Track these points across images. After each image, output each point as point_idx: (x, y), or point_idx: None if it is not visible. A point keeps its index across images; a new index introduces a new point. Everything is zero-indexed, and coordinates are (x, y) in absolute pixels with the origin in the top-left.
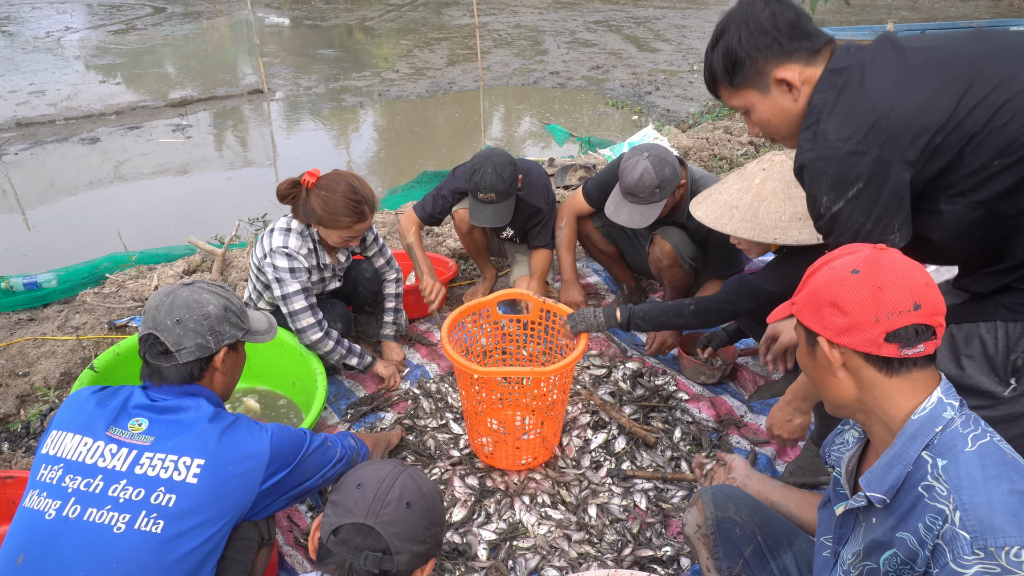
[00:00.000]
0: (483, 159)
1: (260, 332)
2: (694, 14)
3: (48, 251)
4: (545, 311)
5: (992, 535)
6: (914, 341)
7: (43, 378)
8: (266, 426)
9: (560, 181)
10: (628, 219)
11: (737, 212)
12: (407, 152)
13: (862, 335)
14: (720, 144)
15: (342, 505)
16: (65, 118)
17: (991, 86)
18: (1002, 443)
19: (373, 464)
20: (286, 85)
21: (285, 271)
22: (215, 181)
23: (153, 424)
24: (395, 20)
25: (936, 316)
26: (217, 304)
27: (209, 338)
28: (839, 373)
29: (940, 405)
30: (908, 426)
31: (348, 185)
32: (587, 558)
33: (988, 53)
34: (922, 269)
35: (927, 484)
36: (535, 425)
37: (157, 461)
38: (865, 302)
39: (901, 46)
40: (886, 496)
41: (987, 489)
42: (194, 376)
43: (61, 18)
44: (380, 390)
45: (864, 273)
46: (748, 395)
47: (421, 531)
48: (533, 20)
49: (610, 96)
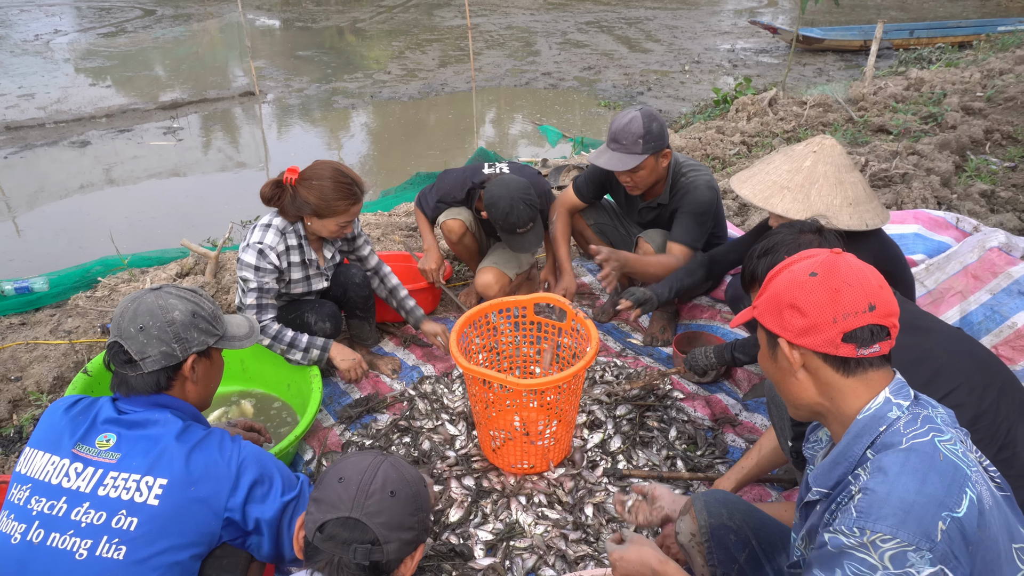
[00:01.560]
0: (508, 200)
1: (237, 337)
2: (685, 15)
3: (38, 255)
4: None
5: (873, 520)
6: (870, 341)
7: (36, 382)
8: (241, 445)
9: (554, 181)
10: (607, 162)
11: (788, 193)
12: (400, 154)
13: (820, 335)
14: (712, 144)
15: (325, 501)
16: (55, 121)
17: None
18: (946, 444)
19: (353, 456)
20: (277, 87)
21: (249, 267)
22: (207, 184)
23: (121, 440)
24: (386, 22)
25: (890, 317)
26: (184, 310)
27: (175, 345)
28: (799, 374)
29: (887, 404)
30: (854, 425)
31: (335, 170)
32: (584, 558)
33: (960, 356)
34: (876, 272)
35: (857, 475)
36: (551, 428)
37: (120, 481)
38: (823, 303)
39: (908, 326)
40: (830, 491)
41: (895, 482)
42: (162, 386)
43: (50, 21)
44: (374, 393)
45: (822, 276)
46: (743, 394)
47: (408, 518)
48: (525, 21)
49: (602, 97)
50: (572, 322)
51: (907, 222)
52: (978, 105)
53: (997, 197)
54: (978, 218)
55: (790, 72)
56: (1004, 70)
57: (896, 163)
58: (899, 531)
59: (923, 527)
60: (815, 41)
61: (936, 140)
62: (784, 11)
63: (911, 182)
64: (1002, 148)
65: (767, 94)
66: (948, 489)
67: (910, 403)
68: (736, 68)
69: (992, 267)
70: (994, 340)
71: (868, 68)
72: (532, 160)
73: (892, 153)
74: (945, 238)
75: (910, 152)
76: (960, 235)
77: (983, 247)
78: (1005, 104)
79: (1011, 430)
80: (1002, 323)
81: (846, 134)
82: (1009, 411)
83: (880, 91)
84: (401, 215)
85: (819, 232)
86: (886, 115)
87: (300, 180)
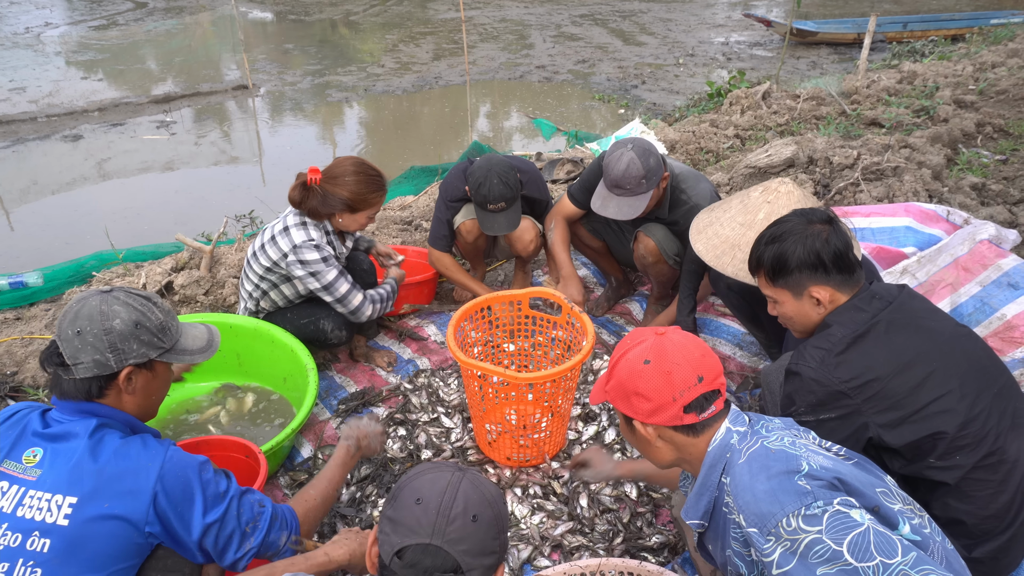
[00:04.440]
0: (484, 171)
1: (190, 351)
2: (679, 7)
3: (31, 249)
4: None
5: (765, 520)
6: (705, 406)
7: (31, 377)
8: (164, 452)
9: (548, 175)
10: (616, 212)
11: (739, 252)
12: (394, 147)
13: (666, 413)
14: (707, 137)
15: (403, 524)
16: (47, 115)
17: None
18: (773, 442)
19: (429, 473)
20: (271, 81)
21: (319, 262)
22: (200, 178)
23: (45, 455)
24: (380, 14)
25: (716, 379)
26: (126, 319)
27: (109, 355)
28: (657, 443)
29: (728, 434)
30: (707, 457)
31: (359, 163)
32: (579, 548)
33: (957, 359)
34: (698, 343)
35: (726, 503)
36: (546, 421)
37: (36, 500)
38: (661, 387)
39: (910, 325)
40: (703, 521)
41: (752, 487)
42: (93, 394)
43: (40, 13)
44: (370, 386)
45: (654, 362)
46: (736, 386)
47: (490, 542)
48: (519, 14)
49: (596, 90)
50: (567, 316)
51: (898, 215)
52: (970, 98)
53: (988, 190)
54: (969, 211)
55: (784, 65)
56: (996, 63)
57: (888, 156)
58: (785, 508)
59: (794, 492)
60: (809, 34)
61: (928, 133)
62: (778, 4)
63: (902, 175)
64: (993, 141)
65: (761, 87)
66: (787, 464)
67: (747, 427)
68: (730, 61)
69: (982, 259)
70: (984, 332)
71: (861, 61)
72: (526, 155)
73: (884, 147)
74: (936, 231)
75: (902, 145)
76: (951, 228)
77: (973, 240)
78: (997, 97)
79: (1000, 437)
80: (991, 315)
81: (839, 128)
82: (1001, 418)
83: (873, 84)
84: (395, 209)
85: (829, 222)
86: (879, 108)
87: (326, 179)
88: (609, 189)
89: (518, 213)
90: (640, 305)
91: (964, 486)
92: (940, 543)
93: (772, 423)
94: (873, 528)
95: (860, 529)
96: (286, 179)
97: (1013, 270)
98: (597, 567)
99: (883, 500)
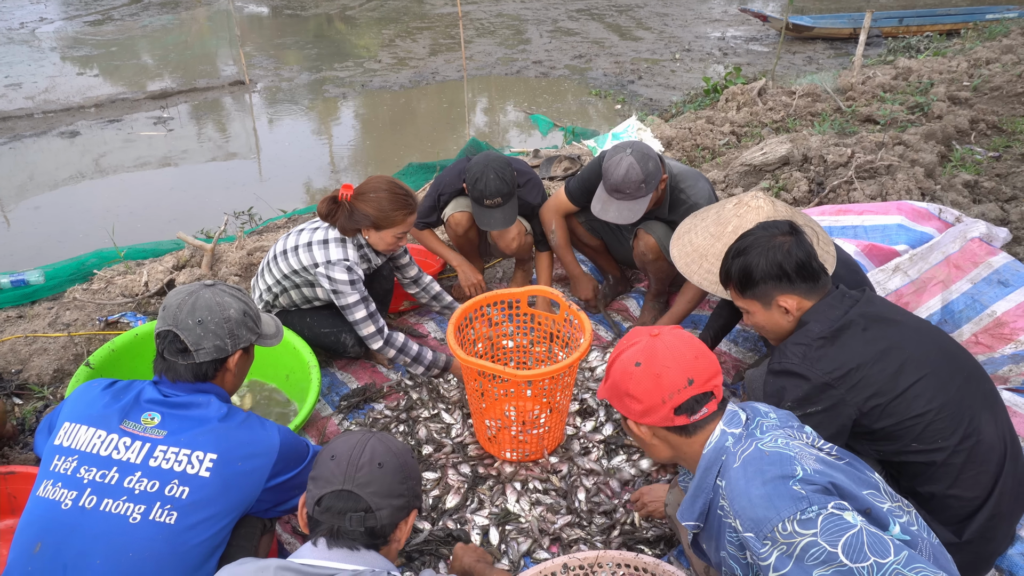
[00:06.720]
0: (481, 167)
1: (269, 336)
2: (676, 2)
3: (29, 247)
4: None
5: (761, 525)
6: (697, 409)
7: (36, 375)
8: (275, 426)
9: (545, 172)
10: (616, 216)
11: (706, 262)
12: (391, 143)
13: (657, 414)
14: (703, 134)
15: (320, 478)
16: (43, 111)
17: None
18: (767, 444)
19: (343, 436)
20: (267, 76)
21: (346, 283)
22: (198, 174)
23: (165, 419)
24: (376, 9)
25: (709, 382)
26: (238, 308)
27: (228, 341)
28: (652, 441)
29: (722, 436)
30: (702, 460)
31: (389, 182)
32: (577, 541)
33: (927, 347)
34: (692, 345)
35: (720, 506)
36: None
37: (171, 455)
38: (651, 390)
39: (881, 319)
40: (698, 523)
41: (747, 492)
42: (208, 375)
43: (35, 8)
44: (371, 382)
45: (645, 364)
46: (731, 379)
47: (397, 486)
48: (515, 9)
49: (593, 85)
50: (565, 313)
51: (891, 213)
52: (964, 95)
53: (980, 187)
54: (961, 209)
55: (780, 60)
56: (991, 59)
57: (882, 155)
58: (781, 513)
59: (789, 498)
60: (805, 29)
61: (922, 130)
62: None
63: (896, 173)
64: (987, 138)
65: (757, 83)
66: (782, 468)
67: (742, 428)
68: (726, 56)
69: (973, 257)
70: (974, 328)
71: (856, 57)
72: (523, 151)
73: (878, 144)
74: (928, 229)
75: (896, 142)
76: (943, 225)
77: (965, 237)
78: (991, 94)
79: (974, 418)
80: (982, 311)
81: (834, 124)
82: (973, 400)
83: (868, 80)
84: None
85: (791, 234)
86: (874, 105)
87: (356, 196)
88: (609, 193)
89: (514, 209)
90: (637, 302)
91: (946, 468)
92: (927, 539)
93: (768, 421)
94: (866, 529)
95: (854, 531)
96: (284, 175)
97: (1003, 267)
98: (595, 559)
99: (874, 502)
